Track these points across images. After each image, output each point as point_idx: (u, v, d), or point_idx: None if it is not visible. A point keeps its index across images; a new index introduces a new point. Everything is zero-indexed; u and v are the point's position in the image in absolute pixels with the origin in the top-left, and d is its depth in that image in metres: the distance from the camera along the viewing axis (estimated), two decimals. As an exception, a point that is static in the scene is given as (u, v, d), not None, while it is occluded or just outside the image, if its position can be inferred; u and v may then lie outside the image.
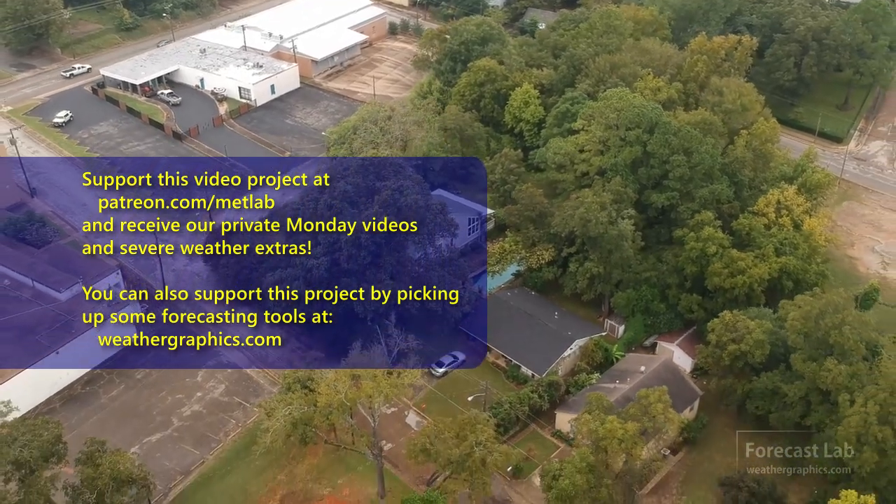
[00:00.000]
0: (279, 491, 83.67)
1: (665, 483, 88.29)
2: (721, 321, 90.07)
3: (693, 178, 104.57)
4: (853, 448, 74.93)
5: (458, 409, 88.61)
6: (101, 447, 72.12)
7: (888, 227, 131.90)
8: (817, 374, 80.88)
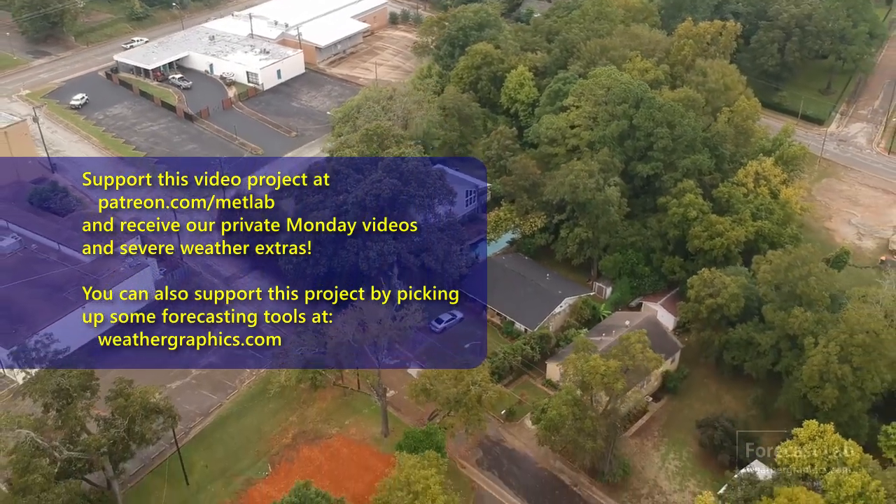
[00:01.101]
0: (291, 431, 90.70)
1: (647, 426, 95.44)
2: (700, 278, 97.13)
3: (676, 149, 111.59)
4: (816, 384, 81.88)
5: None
6: (129, 385, 78.82)
7: (865, 201, 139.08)
8: (786, 321, 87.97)
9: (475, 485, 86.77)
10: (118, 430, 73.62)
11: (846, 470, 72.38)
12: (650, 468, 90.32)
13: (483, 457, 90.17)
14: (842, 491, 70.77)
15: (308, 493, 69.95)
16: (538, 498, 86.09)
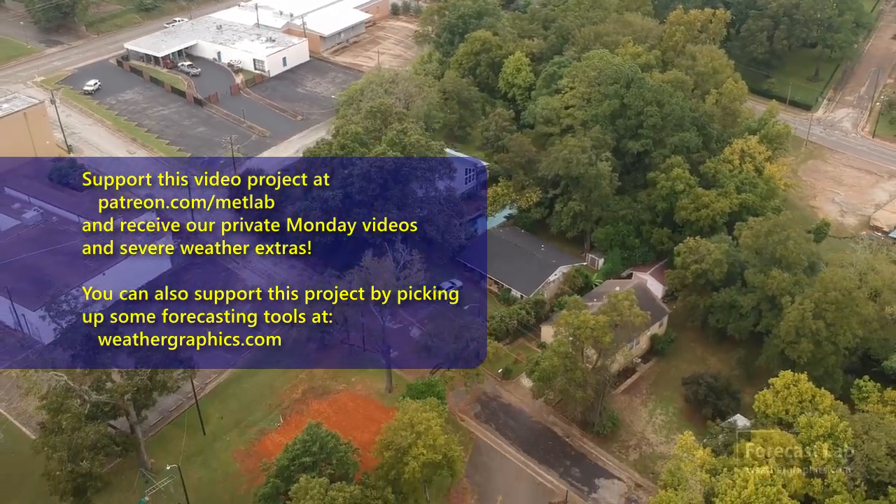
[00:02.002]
0: (301, 387, 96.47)
1: (636, 385, 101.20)
2: (685, 245, 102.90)
3: (665, 126, 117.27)
4: (792, 339, 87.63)
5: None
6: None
7: (848, 181, 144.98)
8: (766, 283, 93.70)
9: (474, 436, 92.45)
10: (141, 377, 79.17)
11: (817, 414, 78.11)
12: (638, 422, 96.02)
13: (481, 411, 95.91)
14: (813, 431, 76.38)
15: (319, 432, 75.62)
16: (532, 448, 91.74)
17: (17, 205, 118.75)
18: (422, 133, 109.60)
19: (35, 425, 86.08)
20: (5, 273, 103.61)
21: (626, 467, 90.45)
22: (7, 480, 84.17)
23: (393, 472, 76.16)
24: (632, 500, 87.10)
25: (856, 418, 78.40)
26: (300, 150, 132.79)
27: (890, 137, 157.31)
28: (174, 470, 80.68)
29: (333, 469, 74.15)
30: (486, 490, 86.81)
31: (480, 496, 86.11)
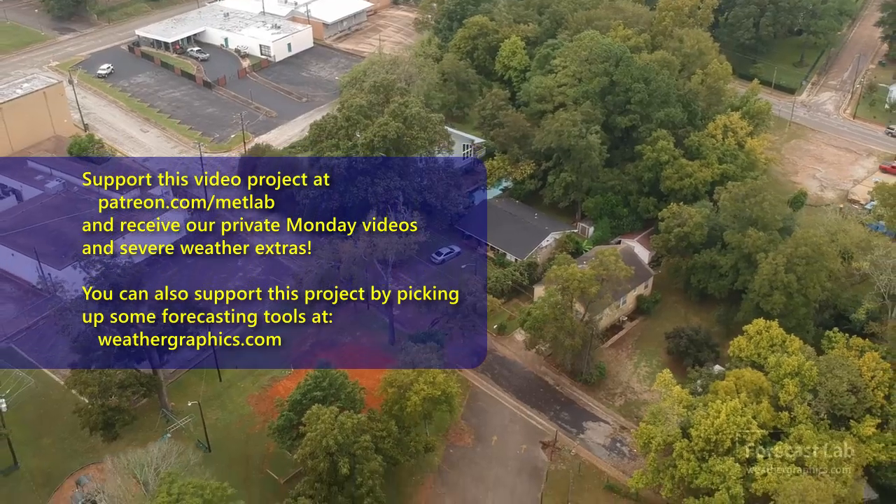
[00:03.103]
0: (309, 340, 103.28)
1: (622, 340, 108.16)
2: (669, 210, 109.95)
3: (651, 102, 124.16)
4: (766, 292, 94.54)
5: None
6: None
7: (828, 159, 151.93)
8: (743, 242, 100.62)
9: (471, 384, 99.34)
10: (166, 322, 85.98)
11: (786, 355, 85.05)
12: (623, 373, 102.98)
13: (477, 362, 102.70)
14: (781, 370, 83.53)
15: (329, 370, 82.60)
16: (525, 395, 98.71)
17: (39, 176, 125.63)
18: (422, 106, 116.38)
19: (63, 373, 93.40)
20: (31, 237, 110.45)
21: (611, 412, 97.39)
22: (40, 421, 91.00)
23: (396, 406, 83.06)
24: (616, 441, 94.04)
25: (821, 359, 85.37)
26: (305, 130, 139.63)
27: (870, 118, 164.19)
28: (194, 408, 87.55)
29: (342, 403, 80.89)
30: (482, 431, 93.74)
31: (477, 435, 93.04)
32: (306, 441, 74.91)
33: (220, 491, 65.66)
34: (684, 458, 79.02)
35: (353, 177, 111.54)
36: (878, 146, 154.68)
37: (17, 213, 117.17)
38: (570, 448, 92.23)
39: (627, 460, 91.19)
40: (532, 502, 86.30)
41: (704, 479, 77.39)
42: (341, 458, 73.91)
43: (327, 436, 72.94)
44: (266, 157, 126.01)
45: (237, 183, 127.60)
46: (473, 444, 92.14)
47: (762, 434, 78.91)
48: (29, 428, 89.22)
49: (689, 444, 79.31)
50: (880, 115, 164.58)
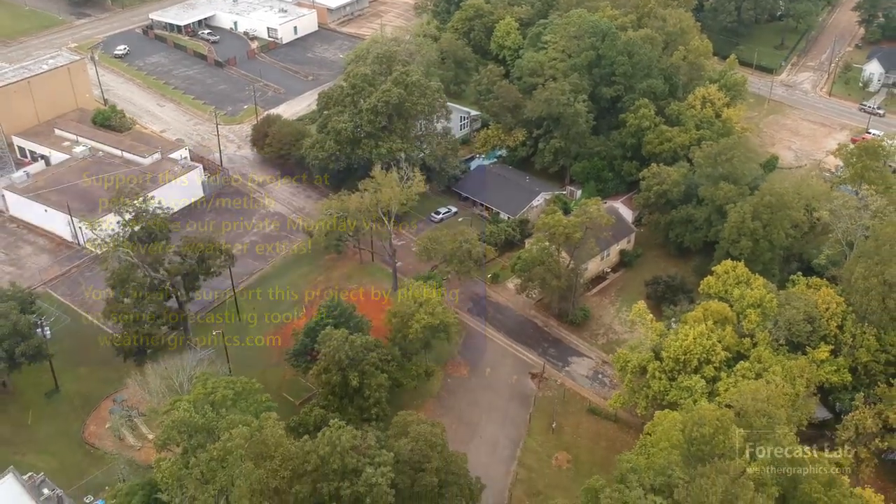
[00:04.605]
0: (319, 286, 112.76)
1: (606, 289, 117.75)
2: (649, 171, 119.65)
3: (635, 74, 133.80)
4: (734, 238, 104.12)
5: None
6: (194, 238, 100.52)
7: (804, 133, 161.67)
8: (715, 194, 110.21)
9: (467, 325, 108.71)
10: (191, 260, 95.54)
11: (749, 289, 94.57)
12: (606, 316, 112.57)
13: (473, 307, 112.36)
14: (744, 301, 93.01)
15: (339, 301, 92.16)
16: (516, 335, 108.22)
17: (66, 143, 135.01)
18: (421, 75, 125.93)
19: (95, 313, 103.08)
20: (61, 195, 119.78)
21: (594, 349, 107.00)
22: (75, 353, 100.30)
23: (399, 335, 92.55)
24: (598, 373, 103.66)
25: (781, 293, 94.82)
26: (312, 105, 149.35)
27: (844, 96, 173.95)
28: (217, 341, 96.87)
29: (351, 331, 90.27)
30: (477, 364, 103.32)
31: (472, 367, 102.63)
32: (320, 357, 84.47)
33: (249, 385, 74.99)
34: (656, 378, 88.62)
35: (358, 139, 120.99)
36: (851, 121, 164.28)
37: (47, 175, 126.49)
38: (556, 378, 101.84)
39: (608, 389, 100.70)
40: (522, 423, 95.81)
41: (674, 395, 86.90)
42: (351, 373, 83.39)
43: (339, 351, 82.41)
44: (277, 125, 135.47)
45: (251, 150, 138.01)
46: (469, 375, 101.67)
47: (726, 356, 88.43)
48: (67, 358, 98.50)
49: (660, 365, 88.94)
50: (855, 92, 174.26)
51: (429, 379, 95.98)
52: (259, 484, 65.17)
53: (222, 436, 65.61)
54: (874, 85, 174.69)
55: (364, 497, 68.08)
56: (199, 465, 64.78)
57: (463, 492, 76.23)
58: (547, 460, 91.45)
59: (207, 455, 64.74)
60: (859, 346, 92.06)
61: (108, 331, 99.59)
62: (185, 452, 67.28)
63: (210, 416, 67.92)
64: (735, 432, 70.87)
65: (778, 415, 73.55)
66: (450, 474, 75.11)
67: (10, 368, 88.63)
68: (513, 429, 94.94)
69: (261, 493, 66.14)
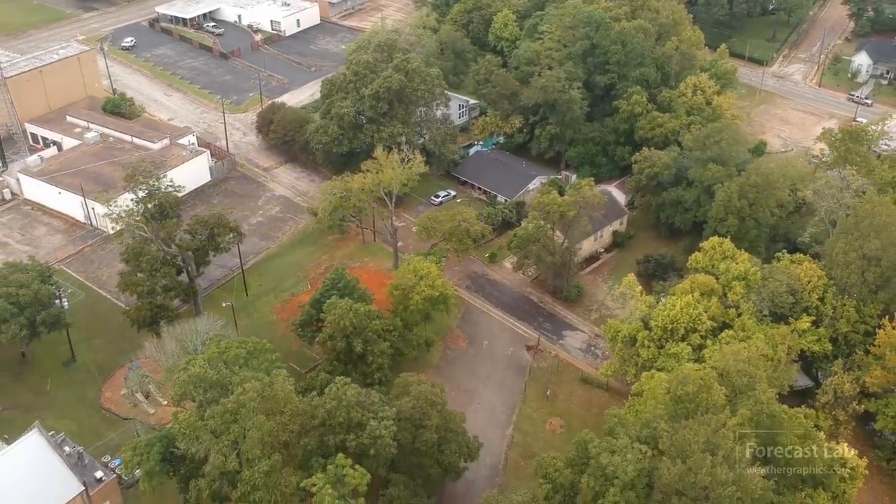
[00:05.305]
0: (323, 265, 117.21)
1: (599, 268, 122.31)
2: (641, 154, 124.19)
3: (628, 62, 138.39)
4: (722, 216, 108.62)
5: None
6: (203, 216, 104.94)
7: (793, 121, 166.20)
8: (704, 175, 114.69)
9: (465, 302, 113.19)
10: (201, 236, 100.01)
11: (735, 263, 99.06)
12: (599, 293, 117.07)
13: (471, 284, 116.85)
14: (729, 274, 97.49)
15: (343, 273, 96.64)
16: (513, 310, 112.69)
17: (77, 129, 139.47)
18: (421, 62, 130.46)
19: (109, 289, 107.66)
20: (74, 178, 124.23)
21: (587, 324, 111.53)
22: (91, 325, 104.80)
23: (401, 306, 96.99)
24: (591, 346, 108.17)
25: (765, 266, 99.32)
26: (315, 94, 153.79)
27: (833, 86, 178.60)
28: (227, 311, 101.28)
29: (354, 300, 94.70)
30: (475, 336, 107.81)
31: (471, 340, 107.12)
32: (326, 325, 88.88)
33: (260, 345, 79.42)
34: (645, 346, 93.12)
35: (360, 125, 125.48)
36: (840, 110, 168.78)
37: (60, 159, 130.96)
38: (550, 350, 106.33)
39: (600, 360, 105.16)
40: (518, 391, 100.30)
41: (662, 362, 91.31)
42: (355, 340, 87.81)
43: (344, 318, 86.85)
44: (281, 112, 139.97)
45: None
46: (467, 347, 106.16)
47: (712, 325, 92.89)
48: (82, 330, 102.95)
49: (649, 334, 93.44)
50: (843, 83, 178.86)
51: (429, 349, 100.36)
52: (270, 436, 69.60)
53: (235, 390, 70.05)
54: (862, 76, 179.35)
55: (368, 448, 72.55)
56: (213, 417, 69.18)
57: (461, 449, 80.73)
58: (541, 425, 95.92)
59: (221, 408, 69.15)
60: (840, 318, 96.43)
61: (122, 305, 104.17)
62: (201, 406, 71.70)
63: (224, 373, 72.37)
64: (717, 390, 75.26)
65: (758, 374, 77.99)
66: (449, 431, 79.62)
67: (30, 336, 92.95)
68: (509, 396, 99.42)
69: (271, 446, 70.58)
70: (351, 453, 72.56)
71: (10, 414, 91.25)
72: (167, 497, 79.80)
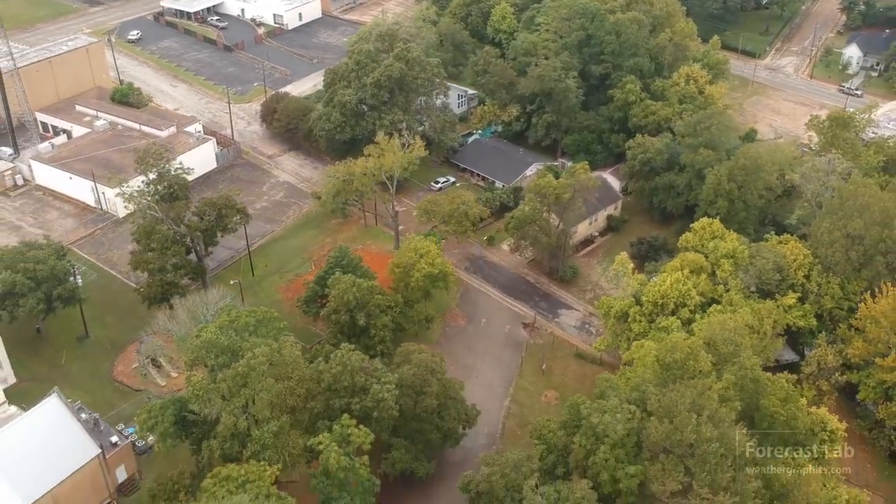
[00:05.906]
0: (327, 247, 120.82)
1: (594, 251, 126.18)
2: (635, 141, 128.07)
3: (622, 53, 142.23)
4: (712, 199, 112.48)
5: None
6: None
7: (785, 112, 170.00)
8: (695, 159, 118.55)
9: (464, 282, 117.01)
10: (210, 217, 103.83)
11: (723, 242, 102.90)
12: (593, 275, 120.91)
13: (470, 266, 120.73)
14: (718, 252, 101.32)
15: (347, 251, 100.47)
16: (510, 290, 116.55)
17: (87, 118, 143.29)
18: (421, 51, 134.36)
19: (120, 269, 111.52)
20: (85, 164, 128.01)
21: (582, 303, 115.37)
22: (103, 303, 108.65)
23: (402, 284, 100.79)
24: (585, 324, 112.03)
25: (752, 245, 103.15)
26: (318, 85, 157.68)
27: (825, 78, 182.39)
28: (234, 289, 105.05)
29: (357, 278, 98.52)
30: (473, 315, 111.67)
31: (469, 318, 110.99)
32: (330, 300, 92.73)
33: (269, 314, 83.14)
34: (637, 321, 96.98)
35: (362, 112, 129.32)
36: (831, 101, 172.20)
37: (70, 146, 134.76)
38: (546, 328, 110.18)
39: (594, 337, 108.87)
40: (515, 366, 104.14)
41: (653, 335, 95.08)
42: (358, 313, 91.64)
43: (347, 293, 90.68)
44: (285, 102, 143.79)
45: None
46: (466, 325, 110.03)
47: (701, 300, 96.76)
48: (95, 308, 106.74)
49: (640, 310, 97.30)
50: (835, 75, 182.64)
51: (429, 325, 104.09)
52: (279, 398, 73.46)
53: (245, 355, 73.87)
54: (853, 68, 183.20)
55: (372, 411, 76.42)
56: (224, 380, 73.01)
57: (460, 415, 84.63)
58: (537, 397, 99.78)
59: (233, 372, 72.99)
60: (824, 294, 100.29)
61: (133, 284, 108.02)
62: (213, 370, 75.54)
63: (234, 339, 76.20)
64: (704, 357, 79.19)
65: (743, 343, 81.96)
66: (448, 398, 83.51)
67: (46, 311, 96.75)
68: (506, 371, 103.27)
69: (280, 409, 74.45)
70: (355, 416, 76.34)
71: (27, 385, 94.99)
72: (179, 461, 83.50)
